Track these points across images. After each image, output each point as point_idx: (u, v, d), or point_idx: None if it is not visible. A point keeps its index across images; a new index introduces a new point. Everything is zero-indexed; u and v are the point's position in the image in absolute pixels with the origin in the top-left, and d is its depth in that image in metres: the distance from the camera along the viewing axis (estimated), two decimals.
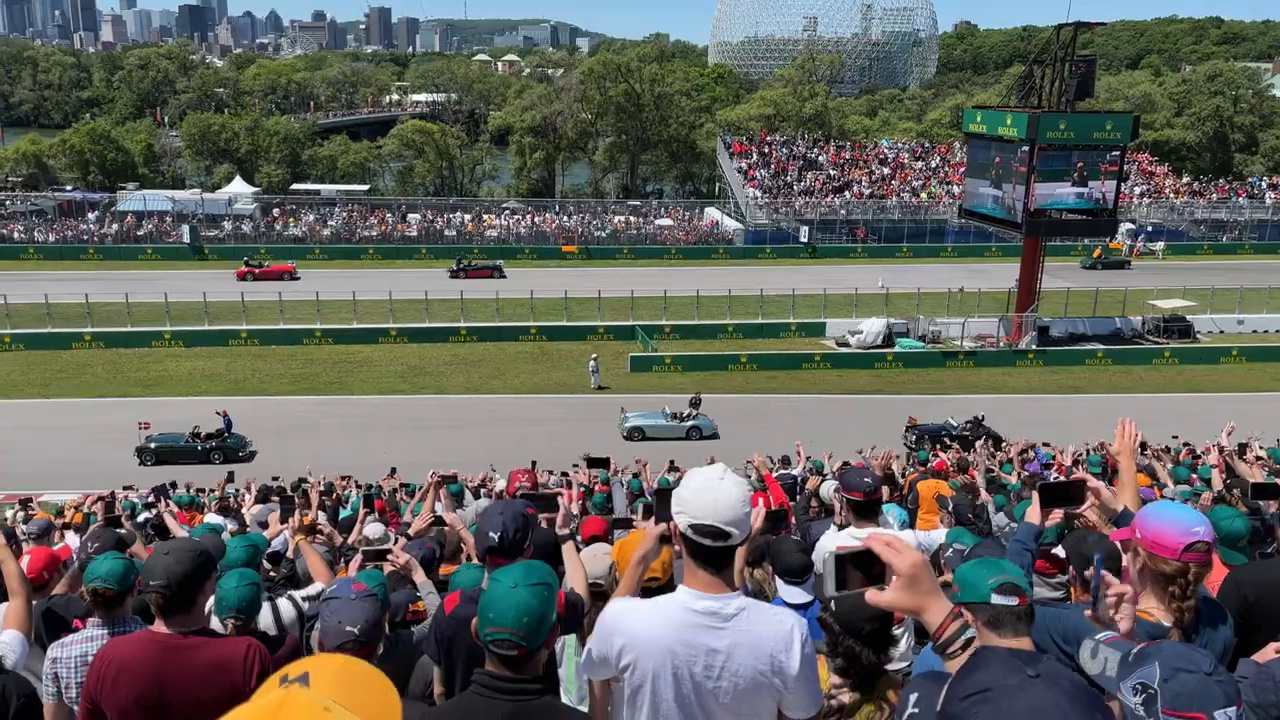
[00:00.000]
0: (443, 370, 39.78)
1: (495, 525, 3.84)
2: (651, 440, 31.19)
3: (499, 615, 2.67)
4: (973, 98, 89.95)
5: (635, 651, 2.85)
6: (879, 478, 5.22)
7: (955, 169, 68.60)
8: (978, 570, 2.86)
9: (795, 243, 63.78)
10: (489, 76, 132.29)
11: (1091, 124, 40.69)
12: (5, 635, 4.11)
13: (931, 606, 2.30)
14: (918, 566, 2.27)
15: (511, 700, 2.65)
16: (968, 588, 2.84)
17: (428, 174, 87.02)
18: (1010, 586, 2.77)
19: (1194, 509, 3.76)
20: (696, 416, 32.80)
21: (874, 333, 42.28)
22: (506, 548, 3.78)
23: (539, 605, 2.71)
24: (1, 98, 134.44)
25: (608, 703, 3.16)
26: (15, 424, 31.91)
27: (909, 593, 2.27)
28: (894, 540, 2.29)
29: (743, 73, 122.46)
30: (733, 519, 2.81)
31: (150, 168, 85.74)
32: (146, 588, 3.60)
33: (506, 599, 2.68)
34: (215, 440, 30.49)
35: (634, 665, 2.85)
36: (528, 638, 2.67)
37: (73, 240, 60.51)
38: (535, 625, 2.68)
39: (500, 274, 55.76)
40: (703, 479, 2.89)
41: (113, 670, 3.53)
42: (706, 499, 2.82)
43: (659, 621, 2.86)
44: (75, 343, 40.58)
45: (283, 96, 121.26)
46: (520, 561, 2.98)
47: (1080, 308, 45.59)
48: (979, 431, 30.87)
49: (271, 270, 54.09)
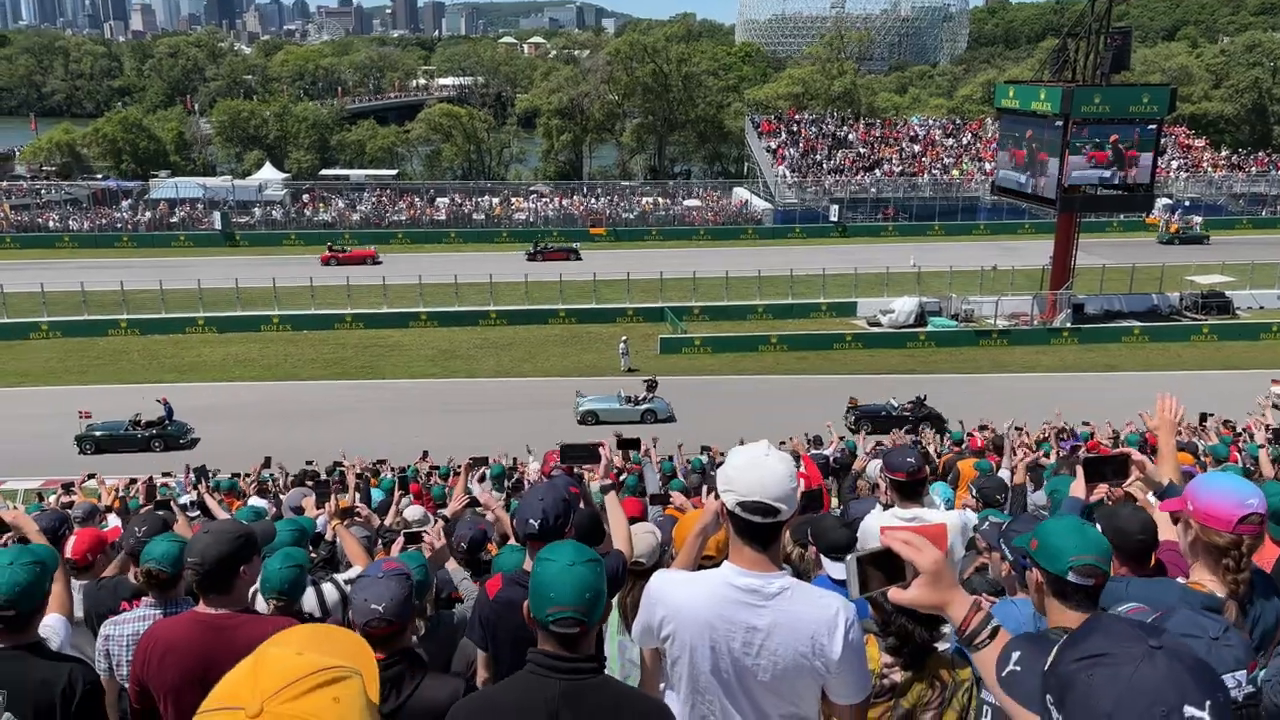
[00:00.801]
0: (473, 354, 39.93)
1: (535, 511, 3.80)
2: (606, 424, 30.58)
3: (560, 594, 2.64)
4: (1005, 73, 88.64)
5: (675, 622, 2.89)
6: (921, 458, 5.13)
7: (987, 145, 67.73)
8: (1064, 537, 2.80)
9: (825, 222, 63.27)
10: (515, 59, 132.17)
11: (1127, 98, 39.92)
12: (49, 619, 4.15)
13: (954, 601, 2.31)
14: (939, 563, 2.28)
15: (567, 679, 2.64)
16: (1048, 554, 2.80)
17: (455, 158, 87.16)
18: (1089, 569, 2.73)
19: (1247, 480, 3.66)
20: (652, 400, 32.35)
21: (906, 312, 41.94)
22: (547, 533, 3.73)
23: (596, 580, 2.70)
24: (34, 88, 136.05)
25: (658, 673, 3.16)
26: (53, 410, 32.37)
27: (931, 589, 2.29)
28: (913, 537, 2.29)
29: (770, 51, 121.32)
30: (780, 494, 2.79)
31: (182, 155, 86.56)
32: (185, 564, 3.67)
33: (565, 577, 2.66)
34: (156, 428, 30.41)
35: (673, 636, 2.90)
36: (588, 613, 2.66)
37: (107, 228, 61.25)
38: (594, 600, 2.68)
39: (576, 256, 55.59)
40: (748, 456, 2.87)
41: (158, 651, 3.58)
42: (754, 475, 2.81)
43: (699, 594, 2.89)
44: (111, 330, 41.11)
45: (310, 82, 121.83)
46: (566, 541, 2.94)
47: (1116, 284, 44.93)
48: (920, 412, 30.68)
49: (354, 255, 54.84)
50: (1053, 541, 2.81)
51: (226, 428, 30.83)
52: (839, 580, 4.62)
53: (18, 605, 3.35)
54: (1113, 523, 3.83)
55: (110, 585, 4.97)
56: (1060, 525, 2.89)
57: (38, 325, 40.86)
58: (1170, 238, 58.39)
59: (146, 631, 3.76)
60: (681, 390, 35.04)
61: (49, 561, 3.59)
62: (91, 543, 5.41)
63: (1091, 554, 2.75)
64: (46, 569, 3.47)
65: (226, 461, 23.71)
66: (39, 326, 40.85)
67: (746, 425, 27.56)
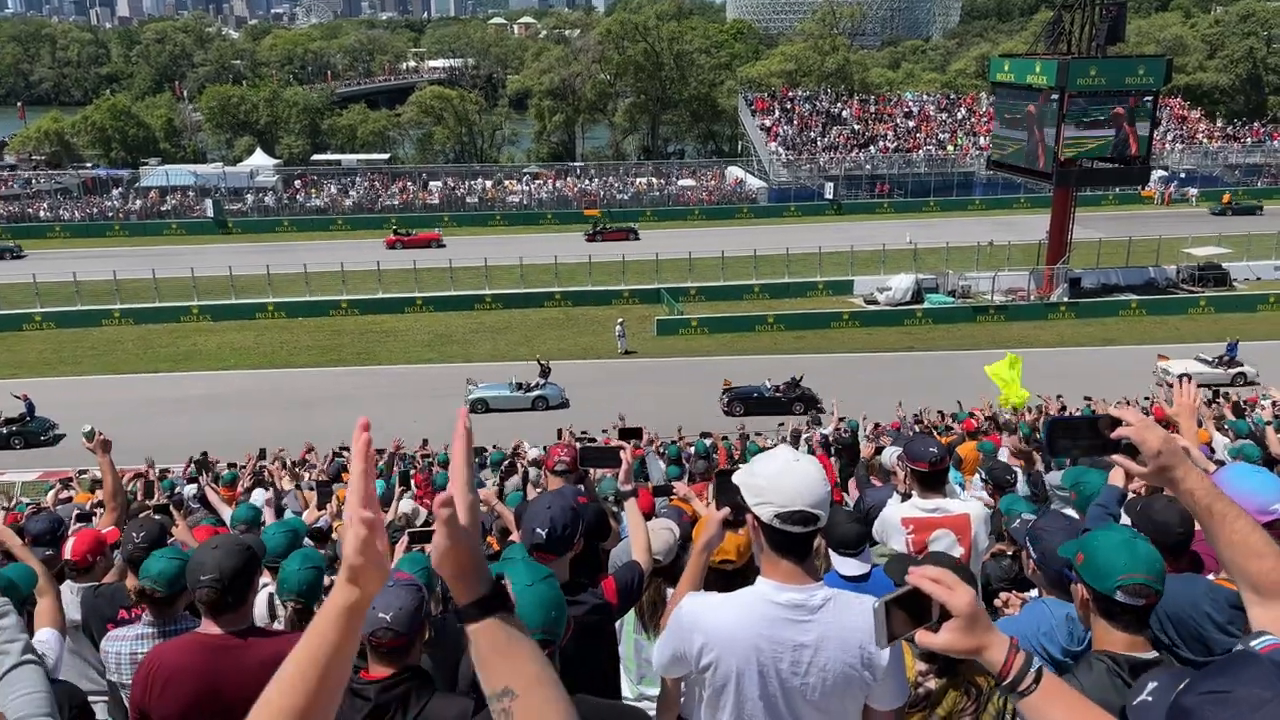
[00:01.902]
0: (469, 338, 39.78)
1: (543, 520, 3.61)
2: (496, 412, 30.56)
3: (525, 616, 2.52)
4: (999, 46, 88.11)
5: (717, 649, 2.69)
6: (944, 447, 5.02)
7: (981, 120, 67.42)
8: (1113, 553, 2.65)
9: (820, 200, 63.02)
10: (505, 40, 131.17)
11: (1123, 69, 39.76)
12: (41, 634, 4.03)
13: (991, 644, 2.05)
14: (973, 604, 2.04)
15: None
16: (1095, 570, 2.65)
17: (447, 141, 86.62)
18: (1140, 588, 2.57)
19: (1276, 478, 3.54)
20: (545, 386, 31.93)
21: (903, 289, 41.84)
22: (555, 543, 3.57)
23: (557, 596, 2.62)
24: (22, 76, 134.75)
25: (676, 703, 3.01)
26: (49, 401, 32.23)
27: (966, 632, 2.03)
28: (943, 575, 2.05)
29: (762, 28, 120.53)
30: (819, 500, 2.66)
31: (171, 142, 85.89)
32: (197, 584, 3.47)
33: (527, 597, 2.56)
34: (16, 424, 29.89)
35: (716, 664, 2.69)
36: (555, 631, 2.58)
37: (98, 217, 60.81)
38: (558, 618, 2.60)
39: (635, 236, 55.19)
40: (779, 464, 2.72)
41: (160, 678, 3.41)
42: (789, 484, 2.65)
43: (741, 617, 2.70)
44: (105, 320, 40.89)
45: (300, 66, 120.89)
46: (520, 562, 2.83)
47: (1113, 258, 44.83)
48: (792, 393, 30.65)
49: (419, 238, 54.53)
50: (1100, 558, 2.66)
51: (223, 416, 30.68)
52: (848, 576, 4.52)
53: None
54: (1149, 516, 3.71)
55: (108, 592, 4.84)
56: (1109, 539, 2.74)
57: (31, 316, 40.63)
58: (1223, 209, 57.92)
59: (146, 657, 3.59)
60: (679, 371, 35.00)
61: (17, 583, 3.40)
62: (91, 544, 5.29)
63: (1142, 572, 2.60)
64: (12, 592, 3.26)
65: (225, 451, 23.58)
66: (32, 318, 40.62)
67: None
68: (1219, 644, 3.02)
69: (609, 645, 3.92)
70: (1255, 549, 2.30)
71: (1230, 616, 3.00)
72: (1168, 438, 2.36)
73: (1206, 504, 2.34)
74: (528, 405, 31.09)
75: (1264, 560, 2.28)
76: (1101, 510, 4.04)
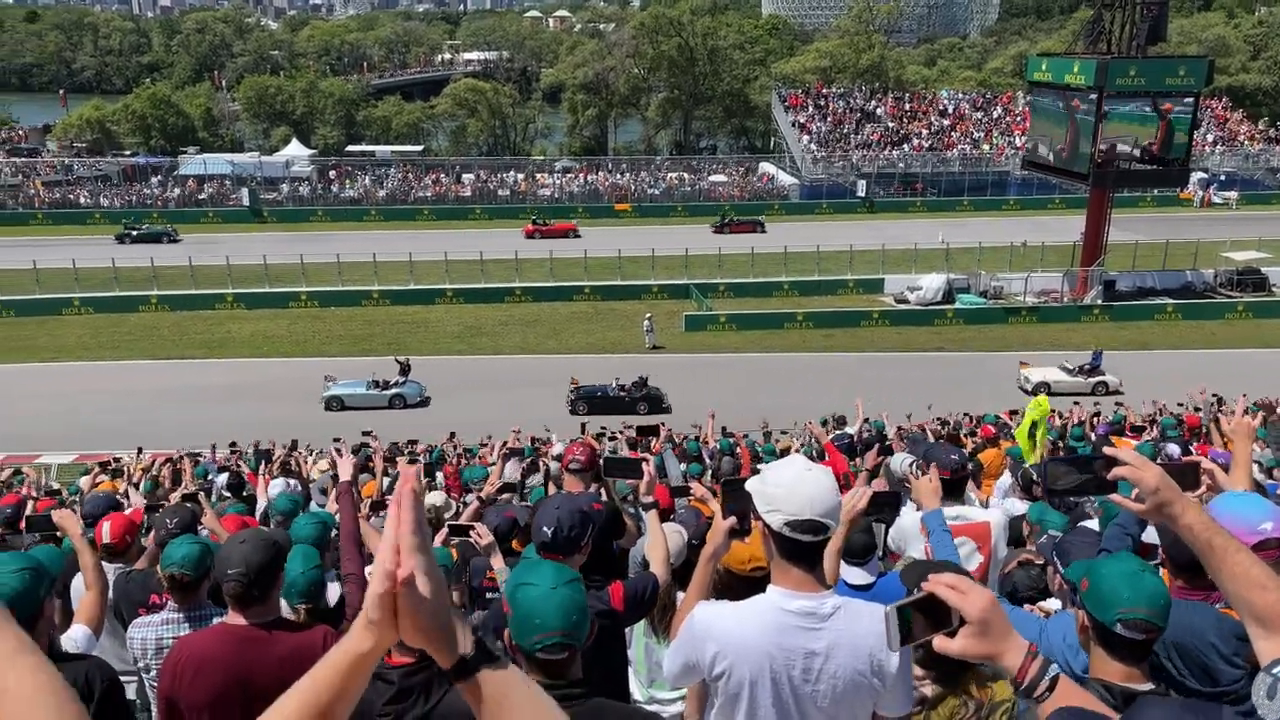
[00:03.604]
0: (498, 330, 39.99)
1: (550, 520, 3.68)
2: (352, 410, 30.44)
3: (546, 619, 2.56)
4: (1036, 45, 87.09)
5: (730, 658, 2.73)
6: (966, 455, 5.03)
7: (1016, 119, 66.70)
8: (1116, 583, 2.63)
9: (852, 197, 62.65)
10: (540, 33, 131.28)
11: (1163, 70, 39.14)
12: (73, 631, 4.14)
13: (1008, 650, 2.05)
14: (988, 610, 2.03)
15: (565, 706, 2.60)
16: (1096, 599, 2.64)
17: (480, 133, 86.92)
18: (1140, 624, 2.56)
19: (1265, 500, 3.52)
20: (404, 384, 31.67)
21: (934, 288, 41.56)
22: (560, 544, 3.64)
23: (580, 600, 2.63)
24: (64, 64, 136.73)
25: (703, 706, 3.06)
26: (86, 387, 32.83)
27: (982, 638, 2.03)
28: (959, 581, 2.06)
29: (797, 24, 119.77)
30: (828, 510, 2.70)
31: (210, 131, 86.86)
32: (225, 577, 3.56)
33: (550, 601, 2.58)
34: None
35: (729, 672, 2.74)
36: (576, 636, 2.60)
37: (137, 204, 61.65)
38: (581, 621, 2.61)
39: (761, 229, 55.38)
40: (791, 472, 2.76)
41: (190, 668, 3.50)
42: (800, 493, 2.69)
43: (754, 625, 2.74)
44: (142, 306, 41.52)
45: (336, 58, 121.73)
46: (544, 562, 2.88)
47: (1149, 260, 44.24)
48: (637, 394, 30.50)
49: (556, 228, 55.25)
50: (1105, 587, 2.64)
51: (254, 405, 31.04)
52: (855, 585, 4.56)
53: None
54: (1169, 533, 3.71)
55: (140, 578, 4.97)
56: (1114, 569, 2.71)
57: (70, 301, 41.31)
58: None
59: (175, 647, 3.69)
60: (705, 368, 34.98)
61: (47, 566, 3.50)
62: (126, 525, 5.44)
63: (1144, 607, 2.58)
64: (42, 574, 3.35)
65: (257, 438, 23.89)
66: (71, 302, 41.31)
67: (771, 404, 27.54)
68: (1224, 675, 3.00)
69: (617, 650, 3.97)
70: (1258, 581, 2.29)
71: (1236, 648, 2.97)
72: (1162, 475, 2.37)
73: (1206, 539, 2.35)
74: (385, 403, 30.88)
75: (1267, 593, 2.28)
76: (1120, 530, 4.04)
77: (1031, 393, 30.16)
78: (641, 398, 30.37)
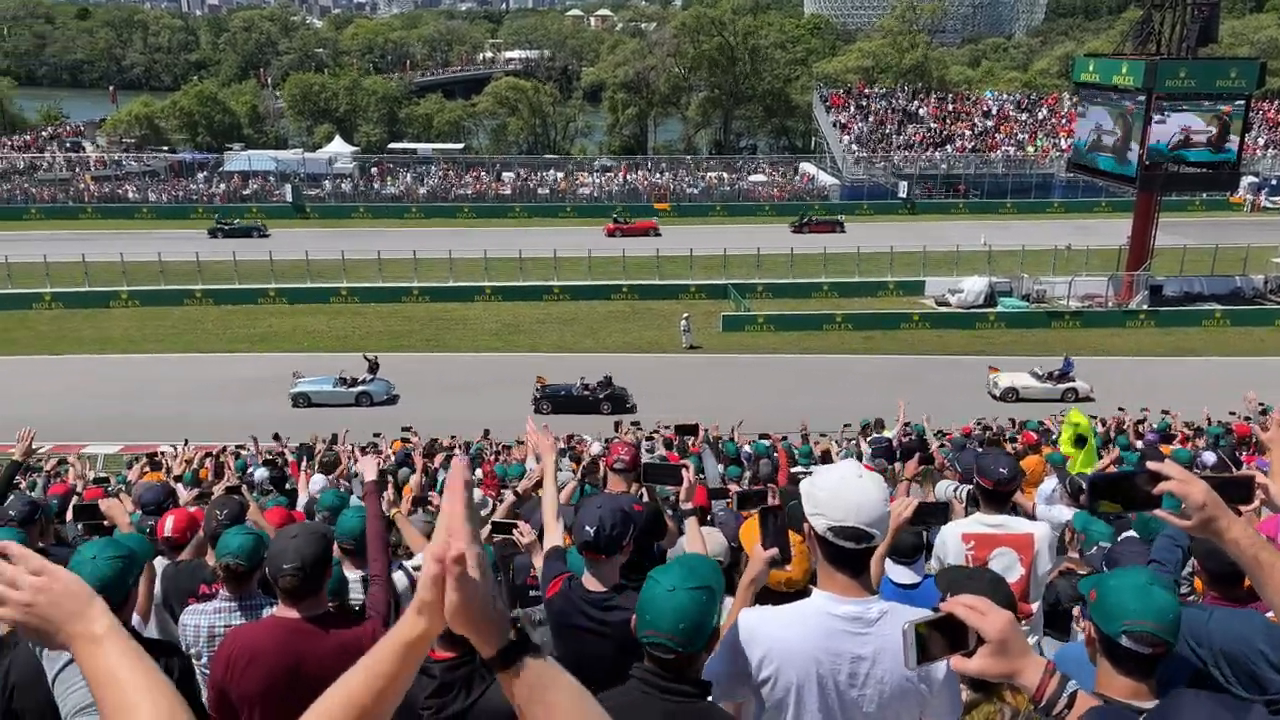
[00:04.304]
0: (535, 329, 40.13)
1: (593, 520, 3.68)
2: (318, 406, 30.41)
3: (655, 618, 2.57)
4: (1084, 45, 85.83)
5: (777, 662, 2.71)
6: (1017, 468, 4.95)
7: (1062, 120, 65.78)
8: (1124, 595, 2.58)
9: (893, 198, 62.16)
10: (582, 32, 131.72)
11: (1214, 72, 38.38)
12: None
13: (1026, 668, 2.06)
14: (1006, 630, 2.04)
15: (671, 701, 2.58)
16: (1103, 610, 2.59)
17: (521, 132, 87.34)
18: (1145, 637, 2.50)
19: None
20: (371, 381, 31.55)
21: (975, 291, 41.08)
22: (602, 543, 3.63)
23: (697, 610, 2.59)
24: (114, 61, 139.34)
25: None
26: (132, 377, 33.41)
27: (1000, 657, 2.04)
28: (977, 601, 2.07)
29: (840, 23, 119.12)
30: (874, 519, 2.67)
31: (255, 128, 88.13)
32: (280, 571, 3.60)
33: (664, 602, 2.58)
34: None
35: (775, 677, 2.72)
36: (684, 643, 2.57)
37: (183, 200, 62.71)
38: (692, 630, 2.57)
39: (841, 228, 55.36)
40: (838, 478, 2.73)
41: (243, 658, 3.55)
42: (847, 500, 2.67)
43: (800, 629, 2.72)
44: (187, 299, 42.18)
45: (380, 56, 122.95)
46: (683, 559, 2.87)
47: (1197, 265, 43.40)
48: (600, 393, 30.21)
49: (637, 226, 55.71)
50: (1111, 599, 2.59)
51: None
52: (901, 584, 4.52)
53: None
54: (1204, 543, 3.65)
55: (189, 568, 5.05)
56: (1124, 581, 2.65)
57: (118, 294, 42.07)
58: None
59: (227, 637, 3.76)
60: (743, 368, 34.86)
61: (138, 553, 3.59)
62: (188, 521, 5.53)
63: (1150, 620, 2.52)
64: (134, 561, 3.44)
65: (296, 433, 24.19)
66: (119, 295, 42.06)
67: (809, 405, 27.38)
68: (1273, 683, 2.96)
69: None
70: None
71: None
72: (1208, 490, 2.35)
73: (1253, 554, 2.33)
74: (351, 400, 30.93)
75: None
76: (1170, 542, 3.96)
77: (1000, 399, 29.93)
78: (606, 397, 30.39)
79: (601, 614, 3.59)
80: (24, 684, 3.35)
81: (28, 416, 25.53)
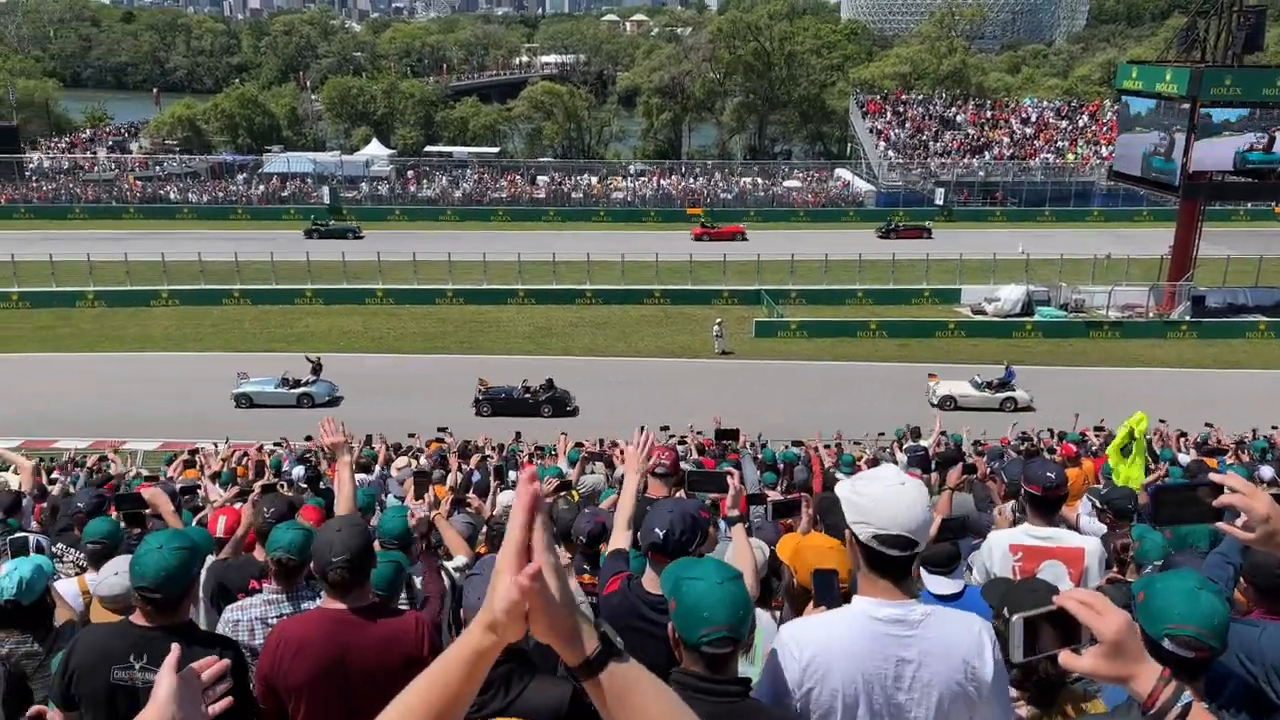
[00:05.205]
0: (568, 332, 40.24)
1: (663, 523, 3.69)
2: (260, 407, 30.38)
3: (714, 612, 2.58)
4: (1126, 52, 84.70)
5: (822, 667, 2.67)
6: (1063, 474, 4.86)
7: (1104, 128, 64.97)
8: (1169, 598, 2.56)
9: (930, 205, 61.67)
10: (617, 37, 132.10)
11: (1261, 80, 37.72)
12: None
13: (1140, 674, 1.97)
14: (1124, 631, 1.96)
15: (717, 701, 2.56)
16: (1148, 613, 2.57)
17: (556, 136, 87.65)
18: (1189, 641, 2.47)
19: None
20: (314, 383, 31.42)
21: (1012, 300, 40.63)
22: (670, 547, 3.64)
23: (745, 596, 2.66)
24: (158, 63, 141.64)
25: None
26: (172, 375, 33.86)
27: (1114, 660, 1.96)
28: (1094, 599, 1.99)
29: (877, 29, 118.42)
30: (918, 526, 2.64)
31: (293, 131, 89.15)
32: (329, 565, 3.64)
33: (717, 595, 2.59)
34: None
35: (820, 682, 2.68)
36: (740, 629, 2.61)
37: (223, 201, 63.58)
38: (745, 617, 2.63)
39: (929, 234, 55.30)
40: (882, 485, 2.69)
41: (290, 650, 3.59)
42: (890, 507, 2.64)
43: (843, 634, 2.69)
44: (225, 299, 42.73)
45: (417, 60, 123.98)
46: (705, 559, 2.87)
47: (1241, 277, 42.65)
48: (541, 396, 30.02)
49: (724, 231, 55.96)
50: (1158, 602, 2.58)
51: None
52: (941, 594, 4.45)
53: (164, 590, 3.42)
54: (1250, 556, 3.56)
55: (238, 564, 5.11)
56: (1171, 585, 2.64)
57: (158, 293, 42.71)
58: None
59: (276, 629, 3.81)
60: (774, 375, 34.73)
61: (202, 545, 3.68)
62: (237, 520, 5.62)
63: (1194, 625, 2.50)
64: (198, 553, 3.56)
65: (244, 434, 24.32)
66: (160, 294, 42.69)
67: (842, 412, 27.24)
68: None
69: None
70: None
71: None
72: (1273, 503, 2.32)
73: None
74: (293, 402, 30.92)
75: None
76: (1221, 559, 3.88)
77: (938, 406, 29.41)
78: (546, 400, 30.39)
79: (658, 616, 3.58)
80: (84, 670, 3.44)
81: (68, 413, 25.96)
